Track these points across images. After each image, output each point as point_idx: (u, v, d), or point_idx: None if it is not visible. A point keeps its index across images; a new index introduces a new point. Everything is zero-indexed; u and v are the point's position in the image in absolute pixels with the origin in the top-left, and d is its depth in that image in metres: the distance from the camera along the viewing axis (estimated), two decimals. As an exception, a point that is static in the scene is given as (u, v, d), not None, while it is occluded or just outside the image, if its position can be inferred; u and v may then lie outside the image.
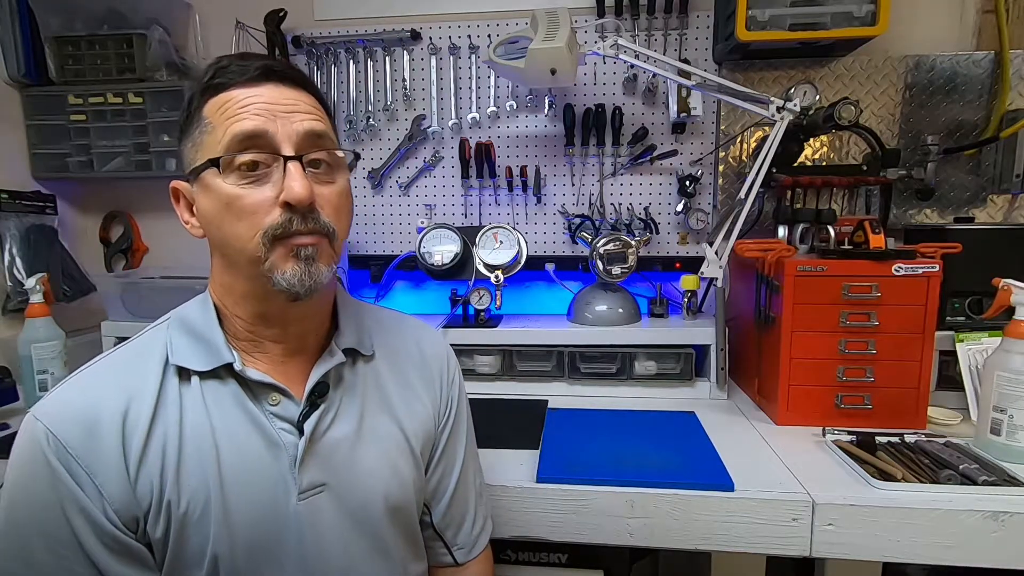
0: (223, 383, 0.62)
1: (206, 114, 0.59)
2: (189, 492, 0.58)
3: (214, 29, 1.59)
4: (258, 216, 0.57)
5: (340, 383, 0.68)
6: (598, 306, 1.36)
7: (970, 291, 1.20)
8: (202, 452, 0.59)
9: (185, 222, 0.65)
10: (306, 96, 0.62)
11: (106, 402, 0.57)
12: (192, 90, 0.61)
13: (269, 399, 0.62)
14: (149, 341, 0.64)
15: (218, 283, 0.64)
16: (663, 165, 1.50)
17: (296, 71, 0.63)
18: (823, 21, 1.24)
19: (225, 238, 0.59)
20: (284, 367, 0.65)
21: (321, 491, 0.63)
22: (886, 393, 1.08)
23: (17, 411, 1.25)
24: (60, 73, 1.49)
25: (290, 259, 0.58)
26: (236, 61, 0.60)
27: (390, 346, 0.75)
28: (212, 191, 0.58)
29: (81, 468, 0.55)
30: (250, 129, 0.57)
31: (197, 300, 0.67)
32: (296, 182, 0.57)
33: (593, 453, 0.99)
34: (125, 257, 1.70)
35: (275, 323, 0.64)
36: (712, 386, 1.28)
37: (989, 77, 1.35)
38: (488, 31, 1.51)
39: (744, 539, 0.86)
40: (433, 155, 1.56)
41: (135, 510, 0.56)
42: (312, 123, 0.60)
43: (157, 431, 0.58)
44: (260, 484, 0.60)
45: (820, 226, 1.20)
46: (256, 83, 0.59)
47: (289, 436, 0.62)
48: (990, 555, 0.81)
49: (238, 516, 0.59)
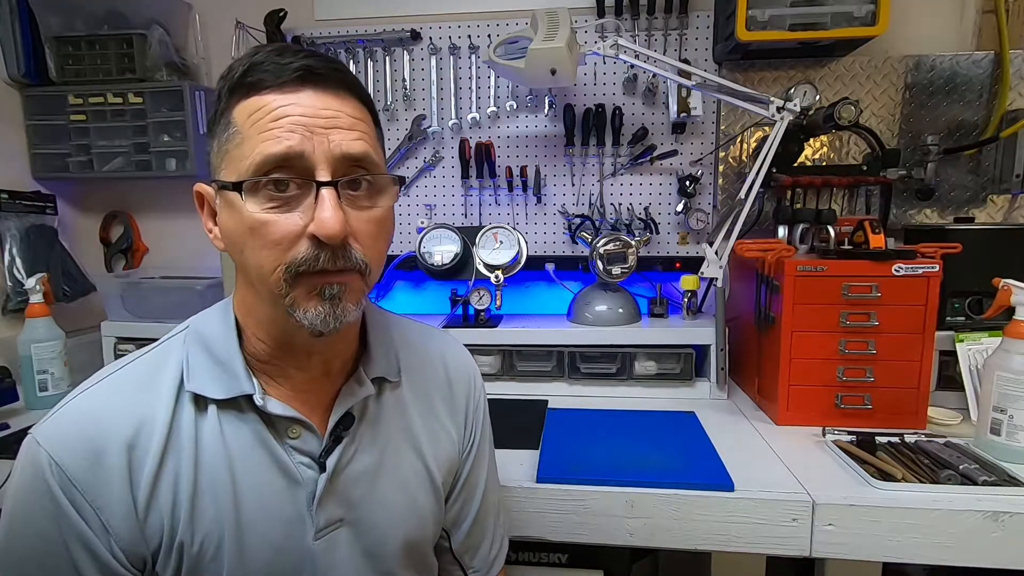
0: (242, 415, 0.57)
1: (235, 118, 0.53)
2: (203, 531, 0.54)
3: (214, 29, 1.59)
4: (282, 247, 0.51)
5: (364, 413, 0.63)
6: (598, 306, 1.36)
7: (970, 291, 1.19)
8: (218, 488, 0.55)
9: (208, 230, 0.59)
10: (349, 105, 0.55)
11: (112, 430, 0.53)
12: (222, 84, 0.54)
13: (289, 432, 0.58)
14: (163, 355, 0.59)
15: (241, 300, 0.60)
16: (663, 165, 1.50)
17: (340, 72, 0.55)
18: (823, 21, 1.24)
19: (246, 263, 0.54)
20: (306, 395, 0.60)
21: (338, 528, 0.60)
22: (886, 393, 1.08)
23: (17, 411, 1.24)
24: (60, 73, 1.48)
25: (313, 298, 0.53)
26: (272, 57, 0.52)
27: (415, 367, 0.70)
28: (235, 211, 0.52)
29: (86, 502, 0.51)
30: (282, 151, 0.50)
31: (218, 311, 0.61)
32: (328, 214, 0.50)
33: (593, 453, 0.99)
34: (125, 257, 1.70)
35: (299, 351, 0.59)
36: (712, 386, 1.28)
37: (989, 77, 1.35)
38: (488, 31, 1.51)
39: (744, 539, 0.86)
40: (433, 155, 1.56)
41: (142, 549, 0.53)
42: (353, 143, 0.53)
43: (169, 465, 0.54)
44: (277, 522, 0.57)
45: (820, 226, 1.20)
46: (293, 88, 0.52)
47: (308, 471, 0.58)
48: (990, 555, 0.81)
49: (253, 555, 0.56)
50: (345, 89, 0.55)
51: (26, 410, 1.25)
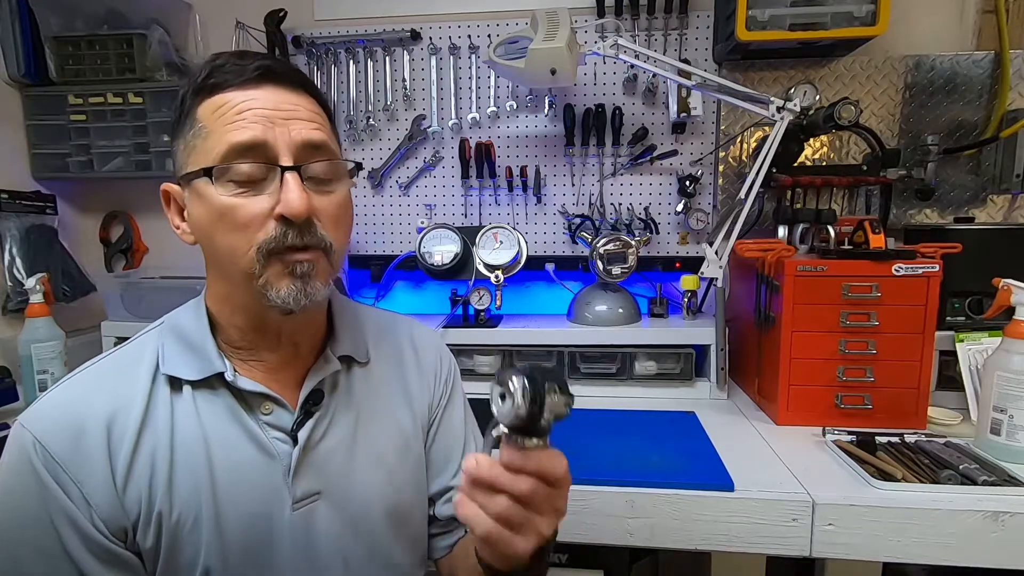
0: (215, 393, 0.60)
1: (200, 116, 0.56)
2: (181, 502, 0.57)
3: (214, 29, 1.59)
4: (251, 229, 0.55)
5: (335, 390, 0.66)
6: (598, 306, 1.36)
7: (970, 291, 1.20)
8: (194, 462, 0.58)
9: (175, 227, 0.62)
10: (306, 100, 0.59)
11: (92, 410, 0.56)
12: (185, 88, 0.58)
13: (262, 408, 0.61)
14: (140, 347, 0.62)
15: (213, 292, 0.63)
16: (663, 165, 1.50)
17: (295, 72, 0.60)
18: (823, 21, 1.24)
19: (217, 250, 0.57)
20: (278, 375, 0.63)
21: (316, 500, 0.62)
22: (886, 393, 1.08)
23: (17, 411, 1.24)
24: (60, 73, 1.48)
25: (285, 276, 0.56)
26: (233, 60, 0.57)
27: (385, 349, 0.73)
28: (205, 200, 0.56)
29: (68, 477, 0.54)
30: (248, 140, 0.54)
31: (191, 306, 0.65)
32: (293, 194, 0.54)
33: (593, 453, 0.99)
34: (125, 257, 1.70)
35: (270, 333, 0.62)
36: (712, 386, 1.28)
37: (989, 77, 1.35)
38: (488, 31, 1.51)
39: (744, 539, 0.86)
40: (433, 155, 1.56)
41: (123, 520, 0.56)
42: (312, 132, 0.57)
43: (146, 441, 0.57)
44: (253, 494, 0.59)
45: (820, 226, 1.20)
46: (254, 85, 0.56)
47: (283, 445, 0.61)
48: (990, 555, 0.81)
49: (231, 526, 0.58)
50: (301, 87, 0.59)
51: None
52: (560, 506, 0.51)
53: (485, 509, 0.48)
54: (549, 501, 0.49)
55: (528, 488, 0.47)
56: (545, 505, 0.49)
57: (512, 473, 0.48)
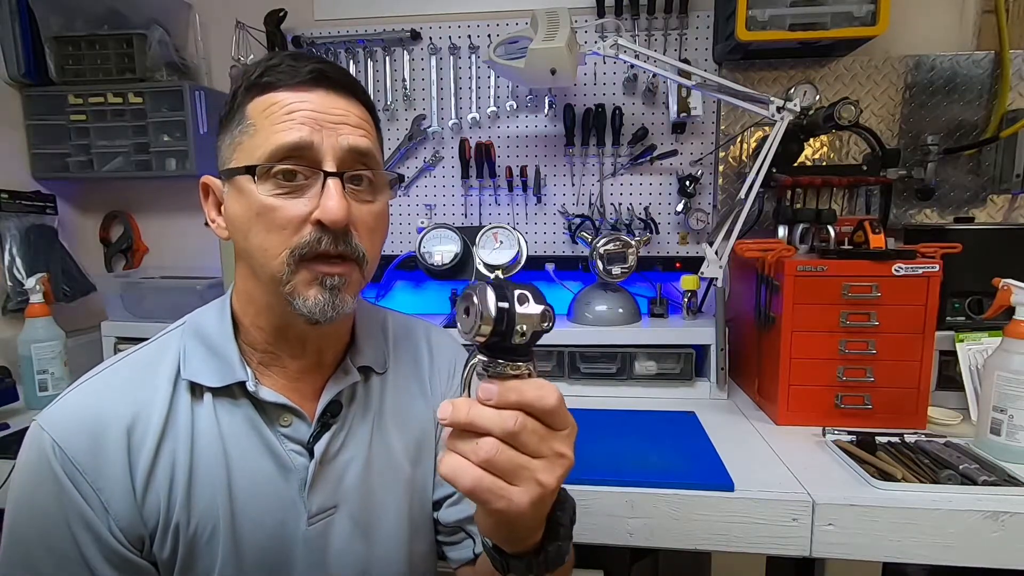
0: (236, 402, 0.59)
1: (249, 113, 0.56)
2: (199, 514, 0.56)
3: (214, 29, 1.59)
4: (287, 231, 0.54)
5: (352, 401, 0.65)
6: (598, 306, 1.36)
7: (970, 291, 1.20)
8: (213, 473, 0.57)
9: (211, 220, 0.62)
10: (356, 107, 0.59)
11: (112, 415, 0.55)
12: (238, 84, 0.58)
13: (281, 420, 0.60)
14: (162, 348, 0.61)
15: (241, 290, 0.62)
16: (663, 165, 1.50)
17: (349, 77, 0.59)
18: (823, 21, 1.24)
19: (251, 248, 0.56)
20: (298, 384, 0.63)
21: (332, 515, 0.61)
22: (886, 393, 1.08)
23: (17, 411, 1.24)
24: (60, 73, 1.48)
25: (314, 286, 0.56)
26: (288, 61, 0.56)
27: (402, 356, 0.73)
28: (244, 196, 0.56)
29: (87, 482, 0.53)
30: (294, 141, 0.54)
31: (215, 306, 0.64)
32: (333, 201, 0.54)
33: (593, 453, 0.99)
34: (125, 257, 1.70)
35: (294, 339, 0.61)
36: (712, 386, 1.28)
37: (989, 77, 1.35)
38: (488, 31, 1.51)
39: (744, 539, 0.86)
40: (433, 155, 1.56)
41: (140, 529, 0.55)
42: (359, 138, 0.57)
43: (166, 449, 0.56)
44: (270, 508, 0.59)
45: (820, 226, 1.20)
46: (306, 88, 0.56)
47: (300, 458, 0.60)
48: (990, 555, 0.81)
49: (247, 539, 0.58)
50: (353, 94, 0.59)
51: (26, 410, 1.25)
52: (560, 449, 0.42)
53: (470, 458, 0.40)
54: (546, 442, 0.41)
55: (515, 423, 0.40)
56: (542, 446, 0.41)
57: (494, 410, 0.40)
